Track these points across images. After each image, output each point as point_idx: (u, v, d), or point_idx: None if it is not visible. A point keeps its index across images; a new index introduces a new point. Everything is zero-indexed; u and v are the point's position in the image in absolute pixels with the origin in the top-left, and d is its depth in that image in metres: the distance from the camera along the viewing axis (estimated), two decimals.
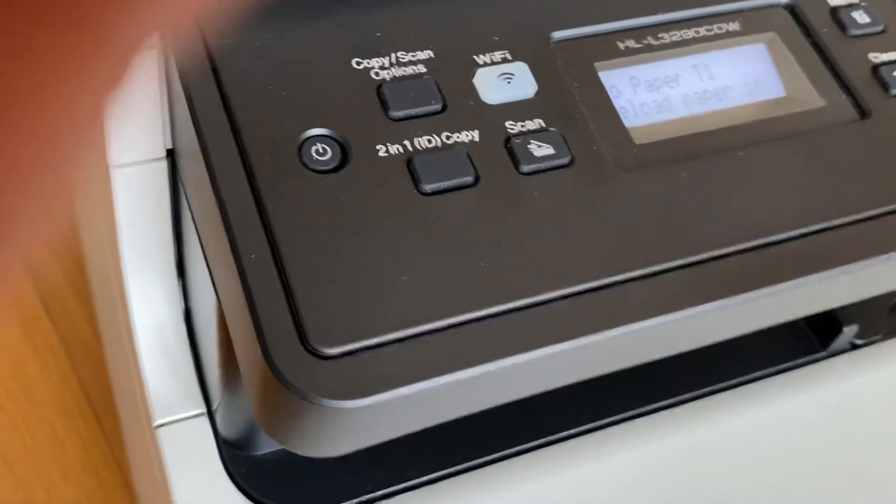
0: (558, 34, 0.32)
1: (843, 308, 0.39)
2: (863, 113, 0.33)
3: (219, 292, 0.29)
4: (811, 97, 0.33)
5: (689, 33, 0.34)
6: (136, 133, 0.32)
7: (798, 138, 0.32)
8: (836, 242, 0.30)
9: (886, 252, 0.30)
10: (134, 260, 0.35)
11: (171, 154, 0.33)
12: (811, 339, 0.43)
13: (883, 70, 0.33)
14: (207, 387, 0.36)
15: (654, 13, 0.33)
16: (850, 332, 0.42)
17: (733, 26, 0.34)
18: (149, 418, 0.36)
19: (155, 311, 0.36)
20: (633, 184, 0.29)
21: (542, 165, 0.29)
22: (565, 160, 0.29)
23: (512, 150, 0.29)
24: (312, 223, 0.26)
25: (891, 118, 0.33)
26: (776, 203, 0.30)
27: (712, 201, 0.30)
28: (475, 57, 0.31)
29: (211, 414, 0.36)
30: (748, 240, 0.29)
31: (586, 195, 0.29)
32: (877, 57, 0.34)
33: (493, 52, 0.31)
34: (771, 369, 0.42)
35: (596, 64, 0.32)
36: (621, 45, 0.33)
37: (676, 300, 0.27)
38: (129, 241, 0.34)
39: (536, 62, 0.31)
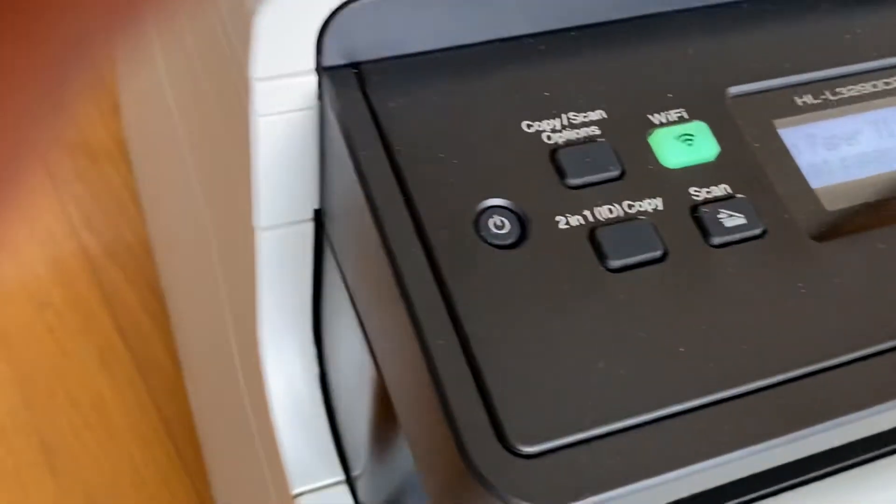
0: (735, 89, 0.30)
1: None
2: None
3: (384, 369, 0.28)
4: None
5: (868, 87, 0.32)
6: (284, 192, 0.30)
7: None
8: None
9: None
10: (271, 323, 0.34)
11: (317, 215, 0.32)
12: None
13: None
14: (346, 454, 0.35)
15: (832, 66, 0.31)
16: None
17: None
18: (286, 486, 0.34)
19: (290, 376, 0.34)
20: (830, 255, 0.27)
21: (734, 237, 0.27)
22: (758, 230, 0.27)
23: (700, 219, 0.27)
24: (498, 306, 0.25)
25: None
26: None
27: None
28: (650, 116, 0.29)
29: (350, 481, 0.35)
30: None
31: (783, 269, 0.27)
32: None
33: (668, 110, 0.29)
34: None
35: (775, 121, 0.30)
36: (799, 101, 0.31)
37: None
38: (269, 303, 0.33)
39: (715, 121, 0.29)
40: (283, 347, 0.34)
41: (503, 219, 0.26)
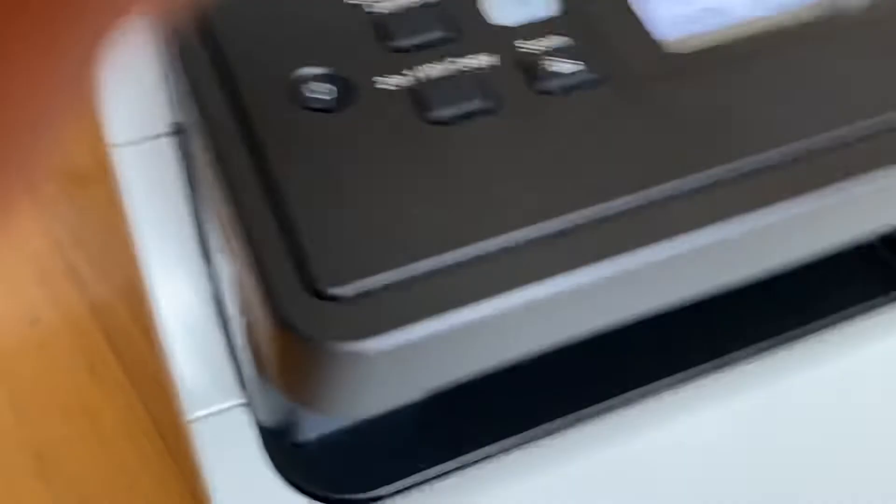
0: None
1: None
2: None
3: (231, 260, 0.27)
4: None
5: None
6: (136, 109, 0.30)
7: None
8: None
9: None
10: (152, 244, 0.33)
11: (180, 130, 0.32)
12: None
13: None
14: (243, 376, 0.34)
15: None
16: None
17: None
18: (182, 413, 0.34)
19: (180, 296, 0.34)
20: (663, 98, 0.27)
21: (565, 83, 0.26)
22: (591, 76, 0.27)
23: (530, 69, 0.27)
24: (314, 164, 0.24)
25: None
26: (826, 101, 0.27)
27: (756, 105, 0.27)
28: None
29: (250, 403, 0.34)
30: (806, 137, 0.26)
31: (616, 112, 0.26)
32: None
33: None
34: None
35: None
36: None
37: (726, 209, 0.24)
38: (145, 225, 0.33)
39: None
40: (168, 269, 0.34)
41: (324, 84, 0.26)
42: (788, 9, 0.29)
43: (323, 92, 0.25)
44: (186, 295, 0.34)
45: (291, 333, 0.22)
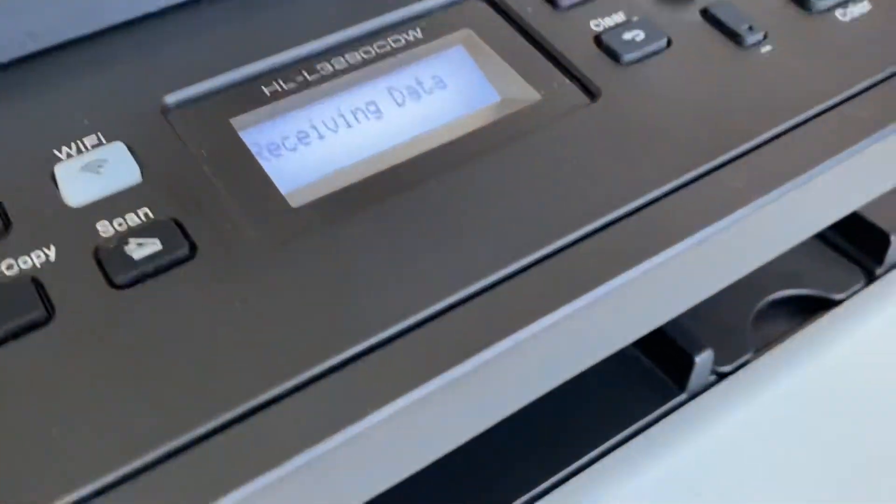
0: (171, 98, 0.27)
1: (685, 330, 0.39)
2: (590, 92, 0.29)
3: None
4: (526, 94, 0.29)
5: (360, 56, 0.29)
6: None
7: (516, 144, 0.27)
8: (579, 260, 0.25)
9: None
10: None
11: None
12: (668, 382, 0.40)
13: (607, 37, 0.30)
14: None
15: (303, 41, 0.28)
16: (703, 361, 0.39)
17: (417, 34, 0.30)
18: None
19: None
20: (293, 255, 0.24)
21: (147, 269, 0.22)
22: (181, 253, 0.23)
23: (101, 261, 0.23)
24: None
25: (626, 90, 0.29)
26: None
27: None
28: (55, 151, 0.26)
29: None
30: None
31: (219, 290, 0.22)
32: (598, 24, 0.30)
33: (79, 138, 0.26)
34: (646, 419, 0.39)
35: (233, 121, 0.27)
36: (268, 91, 0.27)
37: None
38: None
39: (141, 138, 0.26)
40: None
41: None
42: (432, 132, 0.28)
43: None
44: None
45: None
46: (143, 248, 0.23)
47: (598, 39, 0.30)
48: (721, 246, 0.27)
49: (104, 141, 0.26)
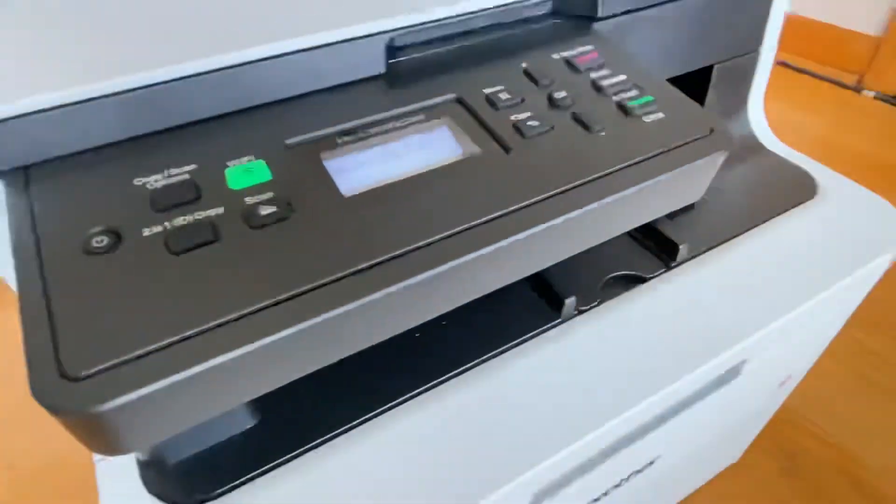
0: (290, 140, 0.29)
1: (563, 284, 0.38)
2: (507, 150, 0.30)
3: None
4: (475, 149, 0.30)
5: (389, 126, 0.31)
6: None
7: (464, 172, 0.29)
8: (488, 230, 0.26)
9: (526, 229, 0.26)
10: None
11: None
12: (549, 311, 0.39)
13: (519, 124, 0.31)
14: None
15: (361, 117, 0.30)
16: (571, 303, 0.38)
17: (421, 117, 0.31)
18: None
19: None
20: (351, 216, 0.26)
21: (268, 220, 0.25)
22: (285, 214, 0.25)
23: (245, 214, 0.25)
24: (81, 284, 0.23)
25: (525, 150, 0.30)
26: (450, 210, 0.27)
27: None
28: (228, 162, 0.28)
29: None
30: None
31: (307, 233, 0.25)
32: (516, 117, 0.31)
33: (241, 157, 0.28)
34: (531, 333, 0.38)
35: (321, 154, 0.29)
36: (339, 141, 0.30)
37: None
38: None
39: (273, 159, 0.28)
40: None
41: (103, 237, 0.24)
42: (428, 165, 0.29)
43: (99, 240, 0.24)
44: None
45: (43, 405, 0.19)
46: (266, 209, 0.26)
47: (514, 124, 0.30)
48: (567, 229, 0.27)
49: (254, 158, 0.28)
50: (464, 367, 0.35)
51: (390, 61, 0.33)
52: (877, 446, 0.60)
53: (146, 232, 0.24)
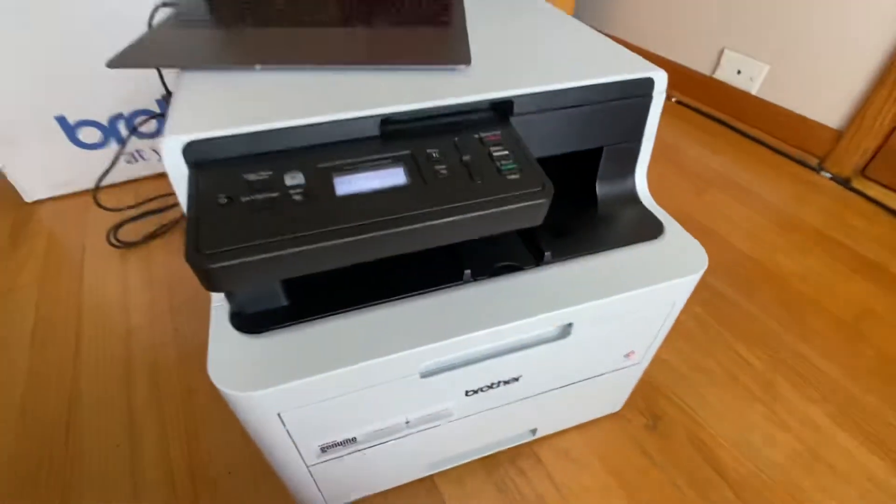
0: (322, 164, 0.57)
1: (469, 262, 0.61)
2: (426, 182, 0.56)
3: None
4: (410, 181, 0.56)
5: (373, 164, 0.58)
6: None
7: (403, 191, 0.55)
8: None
9: (428, 221, 0.52)
10: None
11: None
12: (455, 274, 0.62)
13: (436, 170, 0.56)
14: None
15: (360, 157, 0.58)
16: (468, 273, 0.61)
17: (390, 160, 0.58)
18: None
19: None
20: (335, 205, 0.53)
21: (299, 201, 0.53)
22: (308, 200, 0.53)
23: (286, 197, 0.53)
24: (217, 214, 0.51)
25: (435, 184, 0.55)
26: None
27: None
28: (284, 174, 0.56)
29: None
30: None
31: (316, 208, 0.52)
32: (437, 167, 0.57)
33: (293, 171, 0.56)
34: (445, 285, 0.61)
35: (333, 174, 0.56)
36: (345, 168, 0.57)
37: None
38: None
39: (308, 173, 0.56)
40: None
41: (224, 198, 0.53)
42: (385, 185, 0.56)
43: (222, 200, 0.52)
44: None
45: (193, 267, 0.48)
46: (298, 197, 0.54)
47: (434, 171, 0.56)
48: (448, 224, 0.51)
49: (299, 172, 0.56)
50: (410, 293, 0.60)
51: (381, 129, 0.57)
52: (725, 425, 0.82)
53: (244, 199, 0.53)
